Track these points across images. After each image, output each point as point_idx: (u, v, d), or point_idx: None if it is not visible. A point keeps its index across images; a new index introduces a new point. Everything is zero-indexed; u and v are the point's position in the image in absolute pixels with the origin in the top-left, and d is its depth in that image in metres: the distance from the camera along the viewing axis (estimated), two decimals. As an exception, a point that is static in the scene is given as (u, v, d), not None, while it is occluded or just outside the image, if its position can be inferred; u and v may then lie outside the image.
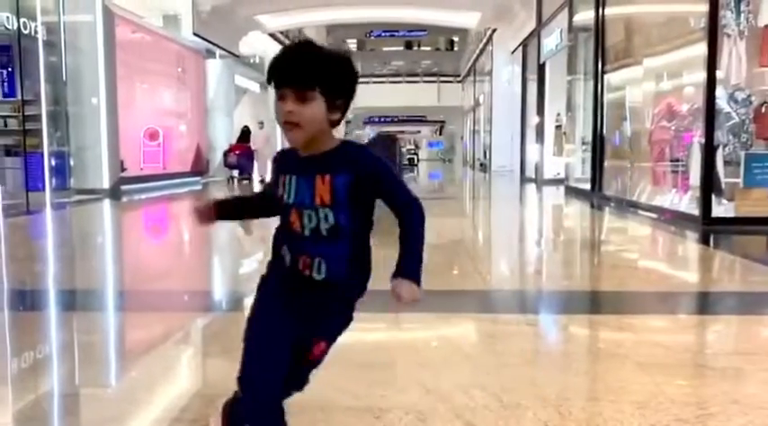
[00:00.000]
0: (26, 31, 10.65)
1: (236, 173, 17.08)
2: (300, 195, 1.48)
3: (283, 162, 1.56)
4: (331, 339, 1.61)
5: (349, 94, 1.50)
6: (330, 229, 1.47)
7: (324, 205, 1.46)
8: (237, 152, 17.12)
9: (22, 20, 10.50)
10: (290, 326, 1.53)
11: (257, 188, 15.22)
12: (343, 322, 1.62)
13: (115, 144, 12.33)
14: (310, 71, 1.42)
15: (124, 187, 12.49)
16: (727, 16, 7.71)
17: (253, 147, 17.26)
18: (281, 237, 1.57)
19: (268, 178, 9.51)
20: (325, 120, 1.46)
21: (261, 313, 1.57)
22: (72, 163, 11.75)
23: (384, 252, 1.66)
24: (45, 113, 10.95)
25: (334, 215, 1.46)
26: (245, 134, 17.55)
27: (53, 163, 11.03)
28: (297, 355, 1.55)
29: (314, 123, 1.44)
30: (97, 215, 9.99)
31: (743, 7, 7.80)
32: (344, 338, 3.24)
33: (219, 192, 13.81)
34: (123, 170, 12.70)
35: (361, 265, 1.57)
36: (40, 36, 10.90)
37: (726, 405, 2.15)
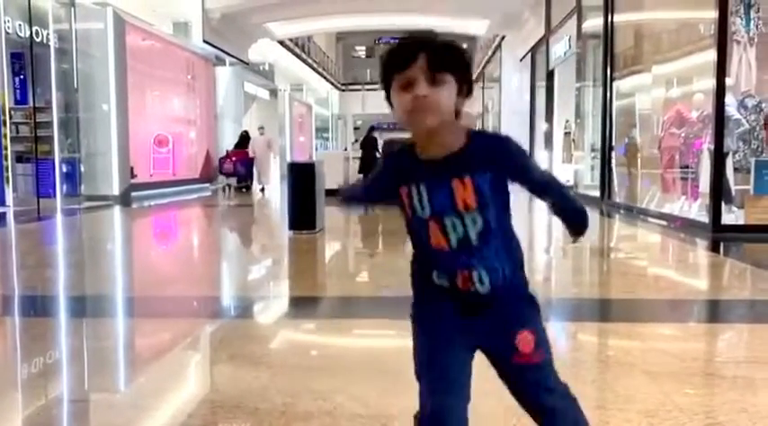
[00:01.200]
0: (38, 39, 10.77)
1: (233, 180, 16.36)
2: (438, 204, 1.31)
3: (400, 170, 1.36)
4: (531, 326, 1.39)
5: (471, 81, 1.36)
6: (480, 234, 1.33)
7: (468, 210, 1.31)
8: (234, 159, 16.41)
9: (34, 28, 10.62)
10: (465, 347, 1.38)
11: (257, 197, 15.08)
12: (531, 309, 1.43)
13: (125, 150, 12.42)
14: (444, 53, 1.29)
15: (134, 193, 12.56)
16: (736, 23, 7.70)
17: (251, 154, 16.56)
18: (425, 265, 1.38)
19: (268, 187, 9.60)
20: (453, 109, 1.31)
21: (432, 348, 1.37)
22: (82, 169, 11.84)
23: (390, 258, 1.67)
24: (56, 120, 11.06)
25: (482, 218, 1.32)
26: (244, 139, 17.02)
27: (64, 169, 11.14)
28: (506, 361, 1.38)
29: (447, 110, 1.29)
30: (107, 221, 10.05)
31: (752, 14, 7.78)
32: (359, 344, 3.26)
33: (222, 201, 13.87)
34: (133, 176, 12.78)
35: (520, 261, 1.43)
36: (52, 43, 11.02)
37: (734, 414, 2.14)
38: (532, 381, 1.39)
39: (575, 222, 1.47)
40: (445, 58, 1.29)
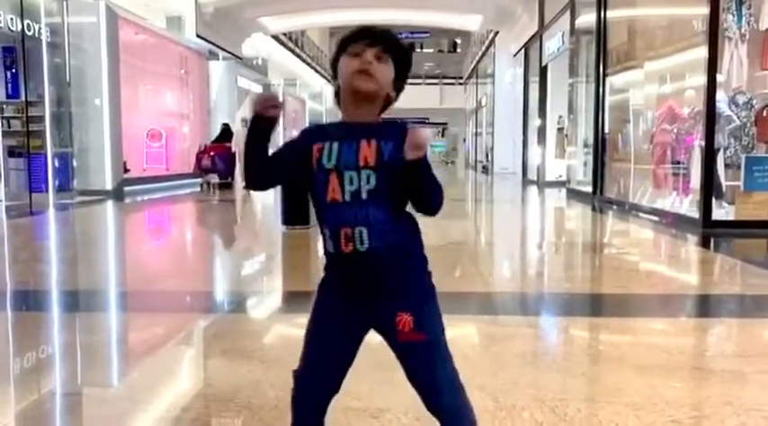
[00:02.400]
0: (30, 33, 10.71)
1: (214, 178, 15.00)
2: (344, 158, 1.45)
3: (318, 133, 1.53)
4: (414, 310, 1.48)
5: (407, 73, 1.57)
6: (371, 192, 1.45)
7: (367, 166, 1.44)
8: (213, 153, 14.99)
9: (26, 21, 10.56)
10: (347, 331, 1.55)
11: (239, 194, 14.13)
12: (420, 290, 1.53)
13: (118, 145, 12.39)
14: (391, 40, 1.53)
15: (127, 188, 12.54)
16: (728, 19, 7.73)
17: (234, 148, 15.30)
18: (321, 220, 1.51)
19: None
20: (387, 89, 1.52)
21: (317, 323, 1.59)
22: (75, 164, 11.80)
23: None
24: (48, 114, 11.02)
25: (376, 177, 1.44)
26: (225, 133, 15.70)
27: (56, 164, 11.09)
28: (393, 341, 1.52)
29: (384, 82, 1.50)
30: (100, 216, 10.03)
31: (744, 10, 7.82)
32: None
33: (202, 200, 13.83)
34: (126, 171, 12.75)
35: (405, 231, 1.52)
36: (44, 37, 10.96)
37: (719, 407, 2.18)
38: (418, 360, 1.50)
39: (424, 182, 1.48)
40: (389, 44, 1.51)
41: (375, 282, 1.48)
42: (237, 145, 15.14)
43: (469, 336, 3.23)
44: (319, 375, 1.56)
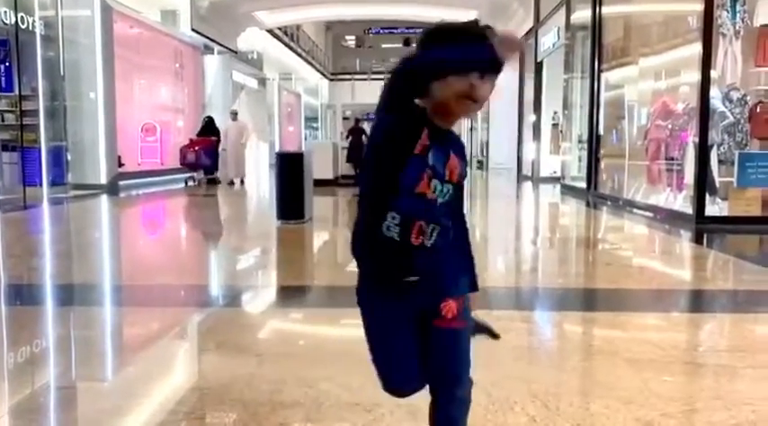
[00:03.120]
0: (24, 26, 10.66)
1: (198, 173, 14.25)
2: (437, 164, 1.45)
3: (419, 123, 1.45)
4: (458, 299, 1.50)
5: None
6: (445, 202, 1.48)
7: (450, 181, 1.47)
8: (198, 147, 14.13)
9: (19, 14, 10.51)
10: (410, 330, 1.52)
11: (232, 189, 13.75)
12: (462, 282, 1.55)
13: (113, 139, 12.35)
14: (502, 59, 1.41)
15: (122, 182, 12.50)
16: (722, 16, 7.75)
17: (223, 144, 14.59)
18: (379, 216, 1.45)
19: (240, 180, 9.45)
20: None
21: (383, 324, 1.56)
22: (69, 158, 11.76)
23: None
24: (42, 108, 10.97)
25: (453, 190, 1.49)
26: (209, 126, 14.76)
27: (50, 158, 11.05)
28: (429, 327, 1.50)
29: (485, 101, 1.49)
30: (94, 210, 10.01)
31: (738, 7, 7.83)
32: (345, 333, 3.29)
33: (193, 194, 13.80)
34: (121, 165, 12.71)
35: (462, 236, 1.60)
36: (38, 31, 10.91)
37: (709, 401, 2.20)
38: (450, 346, 1.51)
39: (472, 269, 1.61)
40: (500, 65, 1.42)
41: (428, 273, 1.48)
42: (227, 137, 14.61)
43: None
44: (407, 358, 1.54)
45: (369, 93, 37.08)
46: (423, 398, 1.55)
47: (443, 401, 1.54)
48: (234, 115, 15.30)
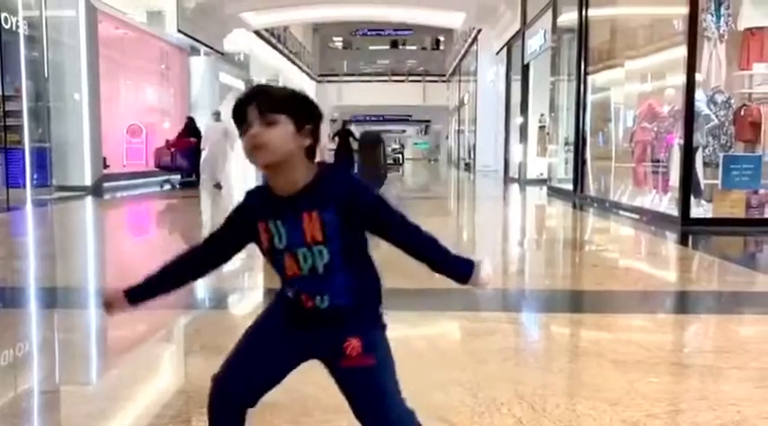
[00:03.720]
0: (7, 26, 10.55)
1: (175, 176, 13.59)
2: (292, 237, 1.41)
3: (258, 206, 1.46)
4: (363, 334, 1.44)
5: (315, 120, 1.45)
6: (327, 265, 1.41)
7: (317, 242, 1.40)
8: (175, 149, 13.44)
9: (3, 14, 10.40)
10: (282, 353, 1.52)
11: (206, 191, 13.01)
12: (369, 321, 1.48)
13: (97, 140, 12.25)
14: (275, 97, 1.41)
15: (107, 184, 12.41)
16: (707, 19, 7.82)
17: (204, 145, 13.86)
18: (281, 282, 1.50)
19: (227, 185, 9.36)
20: (296, 146, 1.40)
21: (253, 340, 1.57)
22: (53, 159, 11.65)
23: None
24: (26, 109, 10.87)
25: (328, 250, 1.40)
26: (188, 127, 14.19)
27: (34, 159, 10.94)
28: (337, 369, 1.47)
29: (282, 145, 1.38)
30: (79, 212, 9.92)
31: (723, 11, 7.91)
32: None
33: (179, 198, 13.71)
34: (106, 167, 12.62)
35: (364, 287, 1.48)
36: (22, 31, 10.80)
37: (695, 402, 2.21)
38: (361, 386, 1.45)
39: (464, 271, 1.49)
40: (275, 102, 1.39)
41: (328, 323, 1.45)
42: (208, 139, 13.95)
43: (449, 332, 3.25)
44: (242, 377, 1.54)
45: (356, 95, 37.16)
46: (410, 401, 1.54)
47: None
48: (216, 116, 14.24)
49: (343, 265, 1.42)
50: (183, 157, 13.41)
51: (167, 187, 13.25)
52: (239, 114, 1.41)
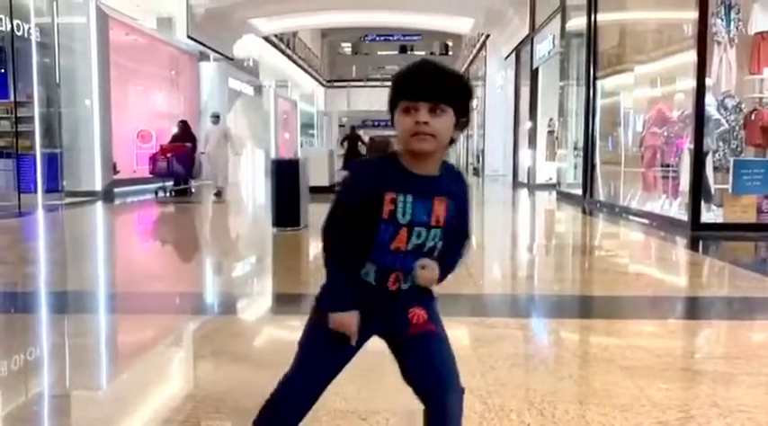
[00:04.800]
0: (19, 33, 10.64)
1: (169, 182, 12.84)
2: (418, 215, 1.45)
3: (386, 177, 1.46)
4: (425, 306, 1.53)
5: (467, 117, 1.50)
6: (433, 247, 1.49)
7: (438, 226, 1.47)
8: (170, 154, 12.62)
9: (15, 21, 10.49)
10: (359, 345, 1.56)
11: (197, 199, 12.49)
12: (430, 297, 1.57)
13: (108, 146, 12.33)
14: (446, 87, 1.43)
15: (117, 189, 12.47)
16: (717, 24, 7.79)
17: (202, 149, 13.07)
18: (367, 258, 1.49)
19: (227, 191, 9.25)
20: (447, 140, 1.46)
21: (323, 339, 1.57)
22: (64, 165, 11.73)
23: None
24: (38, 115, 10.94)
25: (442, 236, 1.49)
26: (183, 131, 13.39)
27: (45, 165, 11.02)
28: (404, 339, 1.52)
29: (446, 137, 1.45)
30: (89, 217, 9.98)
31: (732, 15, 7.88)
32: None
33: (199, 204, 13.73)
34: (116, 172, 12.68)
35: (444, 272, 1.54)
36: (33, 37, 10.89)
37: (706, 408, 2.19)
38: (432, 349, 1.51)
39: (445, 268, 1.53)
40: (447, 90, 1.43)
41: (397, 303, 1.52)
42: (208, 141, 12.98)
43: (459, 337, 3.24)
44: (313, 384, 1.60)
45: (364, 100, 37.20)
46: (419, 407, 1.54)
47: (436, 412, 1.51)
48: (215, 119, 13.29)
49: (440, 252, 1.50)
50: (179, 163, 12.68)
51: (163, 195, 12.53)
52: (402, 89, 1.43)
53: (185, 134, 13.29)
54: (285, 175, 7.25)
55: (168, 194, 12.59)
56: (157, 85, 15.81)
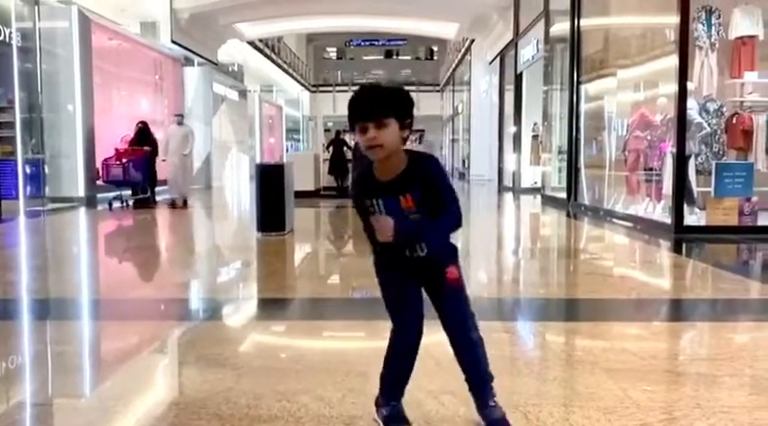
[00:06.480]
0: (0, 38, 10.55)
1: (126, 191, 11.57)
2: (391, 210, 1.92)
3: (364, 190, 1.97)
4: (457, 267, 2.03)
5: (411, 114, 1.93)
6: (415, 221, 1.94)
7: (411, 212, 1.93)
8: (124, 160, 11.26)
9: (-4, 26, 10.40)
10: (409, 287, 2.03)
11: (159, 209, 11.34)
12: (452, 252, 2.04)
13: (91, 151, 12.23)
14: (384, 105, 1.87)
15: (100, 195, 12.36)
16: (698, 29, 7.88)
17: (163, 155, 11.78)
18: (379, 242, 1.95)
19: (181, 201, 9.16)
20: (399, 138, 1.89)
21: (391, 290, 2.05)
22: (47, 170, 11.62)
23: (359, 260, 1.68)
24: (19, 120, 10.85)
25: (417, 211, 1.93)
26: (142, 133, 11.95)
27: (27, 170, 10.91)
28: (437, 289, 2.01)
29: (393, 143, 1.88)
30: (72, 223, 9.88)
31: (713, 20, 7.97)
32: (325, 346, 3.27)
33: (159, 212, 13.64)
34: (98, 177, 12.57)
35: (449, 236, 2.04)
36: (15, 42, 10.80)
37: (688, 410, 2.20)
38: (453, 298, 2.02)
39: (433, 224, 1.95)
40: (387, 107, 1.87)
41: (428, 264, 1.99)
42: (167, 147, 11.81)
43: (443, 341, 3.23)
44: (408, 322, 2.04)
45: (350, 104, 37.09)
46: (407, 410, 1.54)
47: (462, 345, 2.04)
48: (179, 118, 12.26)
49: (426, 216, 1.94)
50: (136, 170, 11.39)
51: (118, 205, 11.25)
52: (352, 115, 1.89)
53: (144, 137, 11.91)
54: (270, 180, 7.22)
55: (125, 205, 11.39)
56: (142, 90, 15.71)
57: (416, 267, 1.99)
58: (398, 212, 1.91)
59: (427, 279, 2.02)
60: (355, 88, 2.01)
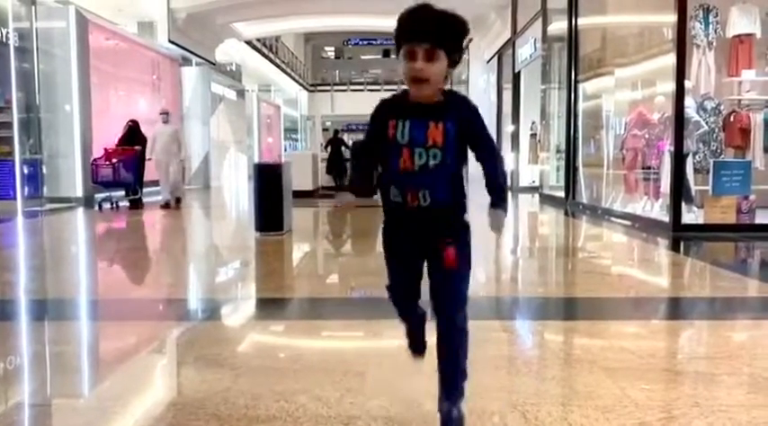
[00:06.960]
0: (-3, 38, 10.53)
1: (116, 192, 11.16)
2: (415, 137, 1.78)
3: (391, 109, 1.84)
4: (459, 244, 1.89)
5: (462, 51, 1.81)
6: (437, 165, 1.80)
7: (435, 146, 1.78)
8: (114, 159, 10.87)
9: (-7, 26, 10.39)
10: (413, 254, 1.94)
11: (145, 212, 10.93)
12: (461, 229, 1.92)
13: (89, 151, 12.19)
14: (442, 29, 1.72)
15: (98, 195, 12.33)
16: (695, 27, 7.89)
17: (149, 154, 11.25)
18: (387, 186, 1.87)
19: (174, 200, 9.07)
20: (443, 77, 1.77)
21: (391, 255, 1.99)
22: (45, 170, 11.60)
23: (358, 259, 1.68)
24: (17, 120, 10.83)
25: (442, 154, 1.79)
26: (132, 132, 11.53)
27: (25, 170, 10.89)
28: (436, 265, 1.90)
29: (437, 79, 1.75)
30: (70, 223, 9.87)
31: (711, 18, 7.98)
32: (323, 346, 3.27)
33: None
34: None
35: (458, 192, 1.89)
36: (12, 42, 10.78)
37: (687, 408, 2.20)
38: (445, 279, 1.89)
39: (494, 195, 1.93)
40: (444, 33, 1.73)
41: (429, 223, 1.87)
42: (154, 146, 11.32)
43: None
44: (401, 286, 2.01)
45: (348, 104, 37.14)
46: (401, 411, 1.54)
47: (445, 328, 1.90)
48: (165, 116, 11.72)
49: (447, 167, 1.81)
50: (127, 170, 10.99)
51: (108, 206, 10.91)
52: (403, 33, 1.75)
53: (135, 136, 11.48)
54: (268, 180, 7.21)
55: (115, 207, 10.97)
56: (139, 90, 15.69)
57: (421, 224, 1.86)
58: (421, 142, 1.77)
59: (428, 246, 1.89)
60: (354, 86, 1.96)
